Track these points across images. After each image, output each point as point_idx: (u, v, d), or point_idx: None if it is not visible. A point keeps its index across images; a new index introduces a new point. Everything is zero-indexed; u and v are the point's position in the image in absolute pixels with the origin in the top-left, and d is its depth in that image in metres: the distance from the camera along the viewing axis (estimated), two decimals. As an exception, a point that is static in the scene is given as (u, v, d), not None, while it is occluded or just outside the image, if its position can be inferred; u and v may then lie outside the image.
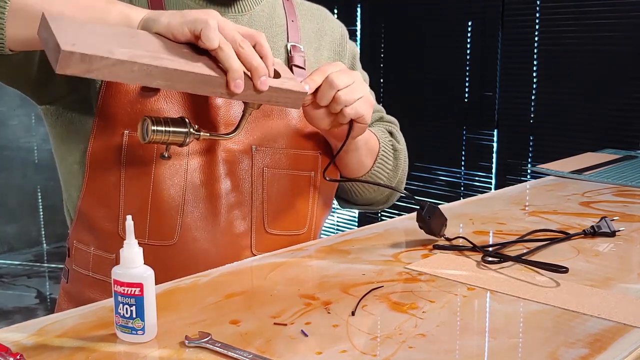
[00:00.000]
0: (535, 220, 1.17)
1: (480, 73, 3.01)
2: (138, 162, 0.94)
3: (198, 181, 0.96)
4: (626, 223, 1.14)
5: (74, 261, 1.03)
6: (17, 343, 0.68)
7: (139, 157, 0.94)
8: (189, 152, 0.96)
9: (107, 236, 0.97)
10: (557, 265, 0.89)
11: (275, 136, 1.01)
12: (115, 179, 0.95)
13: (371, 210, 1.25)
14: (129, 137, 0.94)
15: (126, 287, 0.67)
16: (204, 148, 0.97)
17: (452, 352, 0.67)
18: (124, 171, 0.94)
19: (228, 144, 0.98)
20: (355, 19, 3.46)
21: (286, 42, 1.06)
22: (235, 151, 0.98)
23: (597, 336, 0.70)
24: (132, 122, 0.93)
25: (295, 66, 1.04)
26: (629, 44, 2.51)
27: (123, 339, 0.68)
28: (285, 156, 1.02)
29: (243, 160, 0.99)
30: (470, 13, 3.00)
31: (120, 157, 0.94)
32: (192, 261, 0.96)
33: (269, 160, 1.00)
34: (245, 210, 0.99)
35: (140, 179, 0.94)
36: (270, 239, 1.01)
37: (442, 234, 1.00)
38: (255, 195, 1.00)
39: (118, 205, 0.95)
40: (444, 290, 0.84)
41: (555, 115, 2.77)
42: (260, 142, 1.00)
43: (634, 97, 2.53)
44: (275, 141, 1.01)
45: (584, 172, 1.59)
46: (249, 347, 0.67)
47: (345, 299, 0.80)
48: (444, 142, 3.17)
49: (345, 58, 1.16)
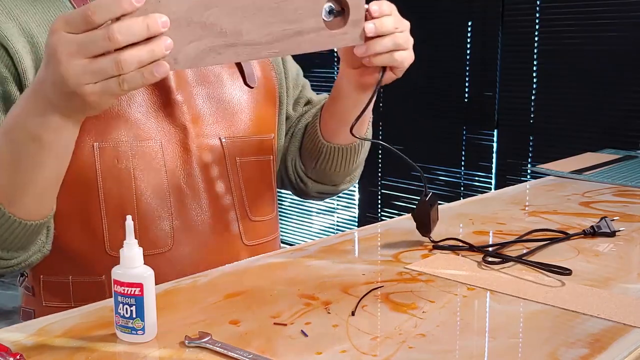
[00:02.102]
0: (535, 220, 1.17)
1: (480, 73, 3.00)
2: (115, 175, 0.90)
3: (179, 181, 0.95)
4: (626, 223, 1.14)
5: (44, 298, 0.96)
6: (17, 343, 0.68)
7: (114, 168, 0.90)
8: (164, 153, 0.94)
9: (92, 259, 0.92)
10: (561, 267, 0.88)
11: (236, 124, 1.02)
12: (94, 196, 0.90)
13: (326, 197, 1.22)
14: (99, 149, 0.89)
15: (126, 287, 0.67)
16: (178, 148, 0.95)
17: (452, 352, 0.67)
18: (102, 186, 0.90)
19: (198, 138, 0.97)
20: (355, 19, 3.45)
21: None
22: (207, 145, 0.98)
23: (597, 336, 0.70)
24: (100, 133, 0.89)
25: None
26: (629, 44, 2.51)
27: (123, 339, 0.68)
28: (250, 143, 1.03)
29: (216, 152, 0.99)
30: (470, 13, 3.00)
31: (95, 173, 0.89)
32: (189, 262, 0.96)
33: (238, 150, 1.01)
34: (229, 202, 1.00)
35: (121, 191, 0.90)
36: (254, 226, 1.03)
37: (431, 230, 1.00)
38: (234, 186, 1.00)
39: (101, 224, 0.91)
40: (444, 290, 0.84)
41: (555, 115, 2.76)
42: (227, 132, 1.00)
43: (634, 97, 2.53)
44: (239, 130, 1.02)
45: (584, 172, 1.59)
46: (249, 347, 0.67)
47: (345, 299, 0.80)
48: (443, 142, 3.17)
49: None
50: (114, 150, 0.90)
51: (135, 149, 0.91)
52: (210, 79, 1.01)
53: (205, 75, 1.00)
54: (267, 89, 1.08)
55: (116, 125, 0.90)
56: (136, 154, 0.91)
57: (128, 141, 0.90)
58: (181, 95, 0.96)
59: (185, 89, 0.97)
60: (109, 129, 0.90)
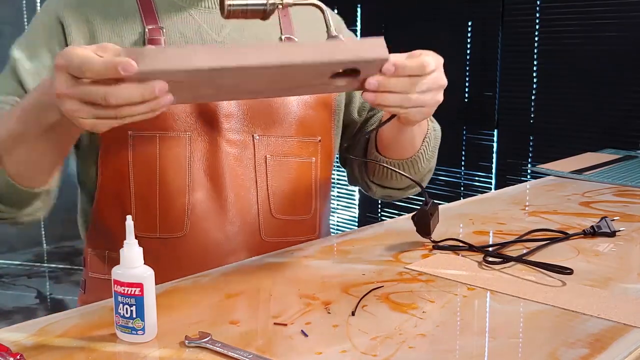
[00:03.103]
0: (535, 220, 1.17)
1: (480, 73, 3.01)
2: (143, 159, 0.95)
3: (202, 172, 0.97)
4: (626, 223, 1.14)
5: (90, 269, 1.05)
6: (17, 343, 0.68)
7: (144, 154, 0.95)
8: (191, 143, 0.96)
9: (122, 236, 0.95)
10: (561, 266, 0.89)
11: (275, 124, 1.02)
12: (125, 178, 0.96)
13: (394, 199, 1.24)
14: (133, 137, 0.95)
15: (126, 287, 0.67)
16: (206, 140, 0.97)
17: (452, 352, 0.67)
18: (132, 170, 0.96)
19: (229, 134, 0.98)
20: (355, 19, 3.45)
21: (280, 34, 1.05)
22: (237, 141, 0.99)
23: (597, 336, 0.70)
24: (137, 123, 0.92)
25: None
26: (629, 44, 2.51)
27: (123, 339, 0.68)
28: (286, 143, 1.03)
29: (245, 149, 1.00)
30: (470, 13, 3.00)
31: (127, 157, 0.95)
32: (202, 251, 0.98)
33: (271, 148, 1.02)
34: (252, 198, 1.00)
35: (147, 175, 0.96)
36: (278, 223, 1.03)
37: (432, 232, 1.00)
38: (260, 183, 1.01)
39: (130, 203, 0.97)
40: (444, 290, 0.84)
41: (555, 115, 2.76)
42: (262, 130, 1.01)
43: (634, 97, 2.53)
44: (275, 129, 1.02)
45: (584, 172, 1.59)
46: (249, 347, 0.67)
47: (345, 299, 0.80)
48: (444, 142, 3.14)
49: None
50: (145, 138, 0.94)
51: (163, 138, 0.95)
52: None
53: None
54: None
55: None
56: (164, 143, 0.95)
57: (158, 130, 0.94)
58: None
59: None
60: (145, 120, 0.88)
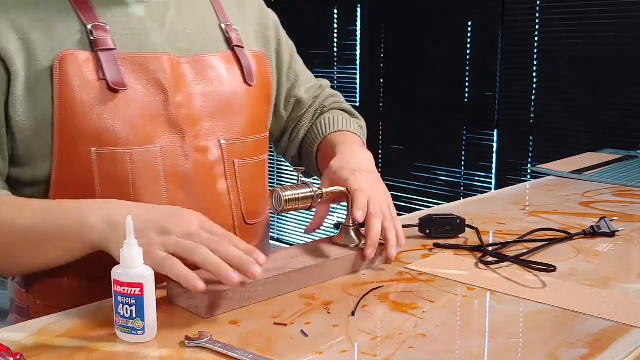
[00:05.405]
0: (535, 220, 1.17)
1: (480, 73, 3.00)
2: (113, 179, 0.87)
3: (177, 184, 0.91)
4: (626, 223, 1.14)
5: (38, 295, 0.92)
6: (17, 343, 0.68)
7: (112, 172, 0.87)
8: (163, 157, 0.90)
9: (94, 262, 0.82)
10: (546, 264, 0.90)
11: (236, 125, 0.98)
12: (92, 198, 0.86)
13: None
14: (97, 154, 0.85)
15: (126, 287, 0.67)
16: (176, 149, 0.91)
17: (452, 352, 0.67)
18: (100, 192, 0.86)
19: (197, 140, 0.93)
20: (355, 19, 3.45)
21: (218, 22, 1.01)
22: (204, 148, 0.94)
23: (597, 336, 0.70)
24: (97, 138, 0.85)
25: (236, 47, 1.00)
26: (629, 44, 2.51)
27: (123, 339, 0.68)
28: (247, 145, 1.00)
29: (215, 155, 0.95)
30: (470, 13, 3.00)
31: (92, 179, 0.86)
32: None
33: (237, 152, 0.98)
34: (226, 205, 0.97)
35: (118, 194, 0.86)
36: (249, 229, 1.01)
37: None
38: (232, 189, 0.98)
39: None
40: (444, 290, 0.84)
41: (555, 115, 2.76)
42: (226, 134, 0.97)
43: (634, 97, 2.53)
44: (237, 131, 0.98)
45: (584, 172, 1.59)
46: (249, 347, 0.67)
47: (345, 299, 0.80)
48: (444, 142, 3.17)
49: (269, 29, 1.11)
50: (111, 155, 0.86)
51: (134, 153, 0.88)
52: (210, 76, 0.96)
53: (205, 72, 0.96)
54: (263, 85, 1.05)
55: (113, 129, 0.86)
56: (135, 158, 0.88)
57: (126, 146, 0.87)
58: (180, 96, 0.92)
59: (184, 89, 0.93)
60: (106, 134, 0.86)
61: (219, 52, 0.98)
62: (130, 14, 0.92)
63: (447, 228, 1.05)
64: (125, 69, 0.88)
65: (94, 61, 0.86)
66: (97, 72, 0.86)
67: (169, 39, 0.93)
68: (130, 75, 0.88)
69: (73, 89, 0.84)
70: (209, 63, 0.97)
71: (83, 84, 0.85)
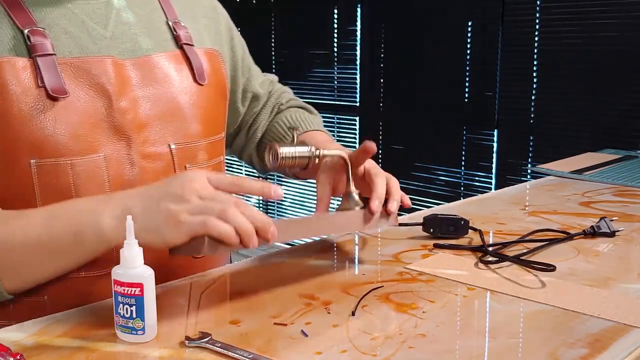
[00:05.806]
0: (535, 220, 1.17)
1: (480, 73, 3.00)
2: (54, 191, 0.82)
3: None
4: (626, 223, 1.14)
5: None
6: (17, 343, 0.68)
7: (53, 184, 0.82)
8: (107, 166, 0.85)
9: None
10: (546, 264, 0.90)
11: (188, 128, 0.93)
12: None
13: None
14: (37, 166, 0.81)
15: (126, 287, 0.67)
16: (122, 157, 0.86)
17: (452, 352, 0.67)
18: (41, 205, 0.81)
19: (144, 146, 0.88)
20: (355, 19, 3.45)
21: (165, 19, 0.96)
22: (153, 154, 0.89)
23: (597, 336, 0.70)
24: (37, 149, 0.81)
25: (185, 45, 0.95)
26: (629, 44, 2.51)
27: (123, 339, 0.68)
28: (200, 147, 0.95)
29: (164, 160, 0.90)
30: (470, 13, 3.00)
31: (33, 192, 0.81)
32: None
33: (189, 156, 0.93)
34: None
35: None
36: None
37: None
38: None
39: None
40: (444, 290, 0.84)
41: (555, 115, 2.76)
42: (177, 138, 0.92)
43: (634, 97, 2.53)
44: (189, 134, 0.93)
45: (584, 172, 1.59)
46: (249, 347, 0.67)
47: (345, 299, 0.80)
48: (444, 142, 3.17)
49: (220, 24, 1.07)
50: (53, 167, 0.81)
51: (76, 164, 0.83)
52: (158, 77, 0.91)
53: (152, 73, 0.91)
54: (217, 83, 1.00)
55: (54, 139, 0.81)
56: (77, 169, 0.83)
57: (68, 156, 0.82)
58: (125, 101, 0.87)
59: (130, 93, 0.87)
60: (46, 145, 0.81)
61: (167, 52, 0.93)
62: (70, 16, 0.86)
63: (451, 229, 1.05)
64: (65, 74, 0.83)
65: (31, 68, 0.81)
66: (36, 80, 0.81)
67: (112, 40, 0.88)
68: (72, 81, 0.83)
69: (10, 98, 0.80)
70: (156, 64, 0.92)
71: (21, 92, 0.80)
